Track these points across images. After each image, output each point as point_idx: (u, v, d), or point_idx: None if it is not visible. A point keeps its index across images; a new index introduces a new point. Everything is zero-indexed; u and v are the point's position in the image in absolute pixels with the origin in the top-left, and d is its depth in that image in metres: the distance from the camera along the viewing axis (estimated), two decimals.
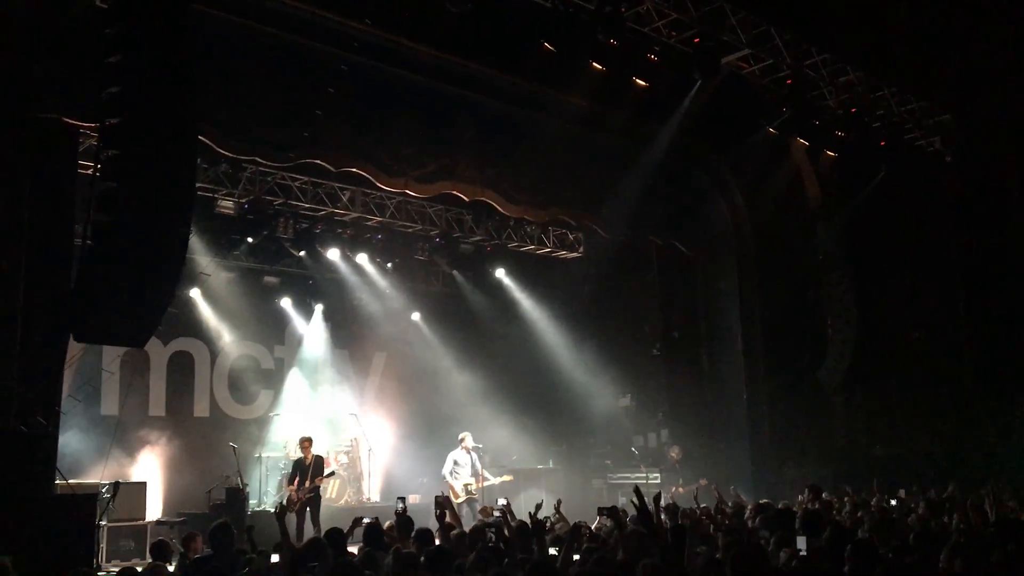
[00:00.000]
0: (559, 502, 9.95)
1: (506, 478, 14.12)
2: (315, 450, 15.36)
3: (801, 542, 6.38)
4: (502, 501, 9.82)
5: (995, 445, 15.76)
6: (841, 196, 16.53)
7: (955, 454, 15.98)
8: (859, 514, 9.89)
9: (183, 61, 8.68)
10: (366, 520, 8.06)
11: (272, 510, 14.17)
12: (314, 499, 12.98)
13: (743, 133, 15.31)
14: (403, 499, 9.21)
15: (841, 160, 15.67)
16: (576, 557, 6.65)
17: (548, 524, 8.82)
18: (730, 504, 10.83)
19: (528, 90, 13.62)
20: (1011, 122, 15.79)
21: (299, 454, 15.11)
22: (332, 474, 14.06)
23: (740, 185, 16.85)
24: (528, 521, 7.44)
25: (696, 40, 12.40)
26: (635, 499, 5.91)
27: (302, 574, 6.07)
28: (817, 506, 10.43)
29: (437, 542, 7.64)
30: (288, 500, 12.98)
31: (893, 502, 11.01)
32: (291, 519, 11.95)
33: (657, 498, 8.05)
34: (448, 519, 8.73)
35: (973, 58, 14.74)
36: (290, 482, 13.29)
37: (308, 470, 13.13)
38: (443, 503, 9.29)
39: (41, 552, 7.96)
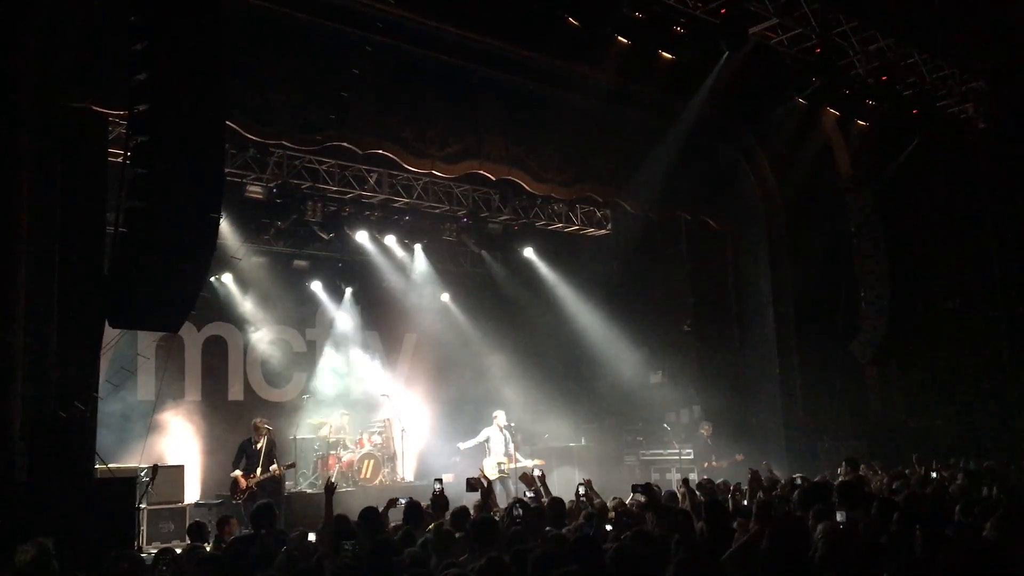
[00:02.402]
0: (589, 481, 9.91)
1: (538, 462, 14.13)
2: (339, 432, 15.45)
3: (839, 515, 6.35)
4: (537, 472, 9.86)
5: None
6: (873, 166, 16.30)
7: (990, 424, 15.81)
8: (894, 486, 9.82)
9: (209, 46, 8.70)
10: (401, 500, 8.14)
11: (308, 491, 14.36)
12: (274, 487, 12.47)
13: (772, 104, 15.14)
14: (440, 480, 9.30)
15: (872, 129, 15.45)
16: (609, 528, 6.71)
17: (581, 501, 8.87)
18: (764, 478, 10.78)
19: (553, 66, 13.52)
20: None
21: (331, 435, 15.30)
22: (292, 465, 13.67)
23: (770, 157, 16.67)
24: (561, 497, 7.51)
25: (723, 11, 12.26)
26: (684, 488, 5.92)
27: (341, 552, 6.13)
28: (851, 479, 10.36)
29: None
30: (234, 484, 12.56)
31: (933, 475, 10.91)
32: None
33: (685, 481, 8.06)
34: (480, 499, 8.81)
35: (1006, 22, 14.45)
36: (234, 466, 12.82)
37: (258, 455, 12.70)
38: (476, 484, 9.34)
39: (82, 535, 8.08)
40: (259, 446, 12.80)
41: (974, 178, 16.55)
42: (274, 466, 12.73)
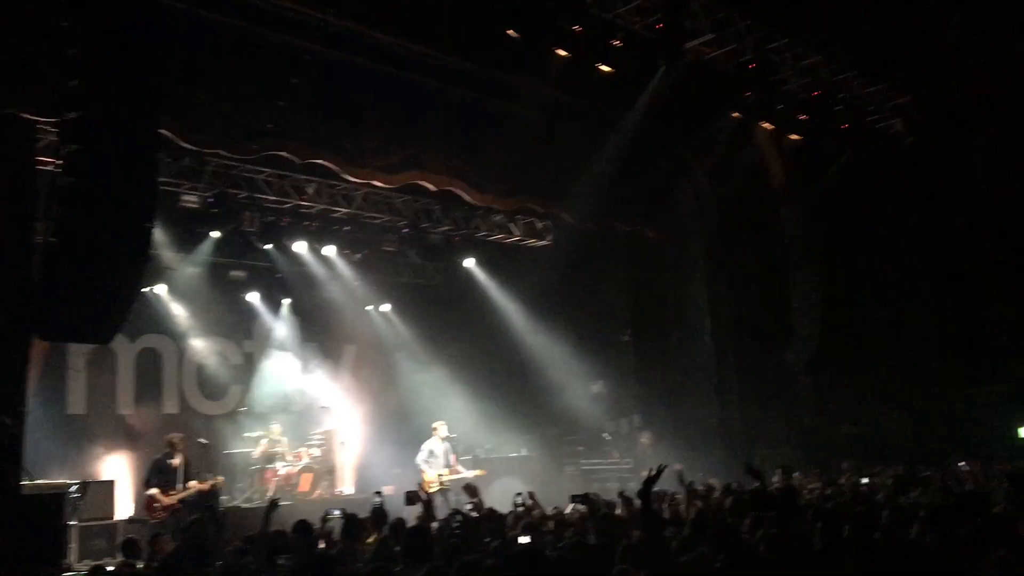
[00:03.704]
0: (532, 493, 9.94)
1: (479, 472, 14.12)
2: (276, 445, 15.22)
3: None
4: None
5: (960, 423, 16.00)
6: (806, 179, 16.67)
7: (922, 432, 16.20)
8: (827, 492, 10.02)
9: (143, 53, 8.58)
10: (336, 512, 8.06)
11: (244, 505, 14.13)
12: (208, 502, 12.00)
13: (707, 118, 15.37)
14: (380, 493, 9.23)
15: (805, 143, 15.80)
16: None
17: (520, 511, 8.89)
18: (701, 487, 10.91)
19: (493, 78, 13.55)
20: (971, 103, 15.98)
21: (268, 448, 15.06)
22: (217, 482, 12.89)
23: (705, 170, 16.96)
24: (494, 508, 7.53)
25: (659, 26, 12.42)
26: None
27: (276, 567, 6.06)
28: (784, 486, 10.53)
29: None
30: (153, 503, 11.86)
31: (864, 480, 11.15)
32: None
33: (621, 492, 8.16)
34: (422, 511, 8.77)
35: (931, 40, 14.89)
36: (148, 484, 12.09)
37: (175, 471, 12.07)
38: (415, 497, 9.29)
39: (8, 552, 7.87)
40: (175, 462, 12.22)
41: (903, 190, 16.98)
42: (193, 481, 12.22)
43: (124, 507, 13.50)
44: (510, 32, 11.73)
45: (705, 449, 16.17)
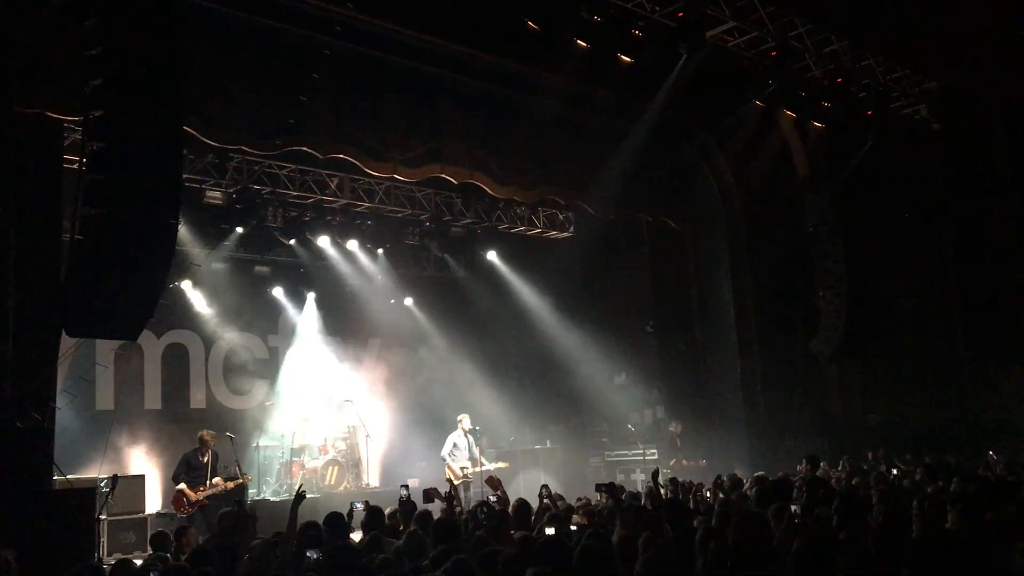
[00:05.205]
0: (546, 486, 9.98)
1: (501, 465, 14.13)
2: (303, 439, 15.31)
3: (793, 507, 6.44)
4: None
5: (988, 410, 15.88)
6: (829, 167, 16.54)
7: (948, 419, 16.09)
8: (854, 481, 9.96)
9: (165, 51, 8.63)
10: (359, 504, 8.08)
11: (271, 499, 14.24)
12: (237, 498, 11.72)
13: (730, 107, 15.29)
14: (406, 486, 9.27)
15: (828, 130, 15.67)
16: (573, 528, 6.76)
17: (544, 503, 8.91)
18: (727, 477, 10.89)
19: (513, 70, 13.57)
20: (996, 88, 15.80)
21: (294, 442, 15.17)
22: (245, 481, 12.86)
23: (728, 159, 16.85)
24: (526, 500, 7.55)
25: (680, 14, 12.38)
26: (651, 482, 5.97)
27: (306, 560, 6.10)
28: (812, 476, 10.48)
29: None
30: (181, 498, 11.90)
31: (893, 470, 11.08)
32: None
33: (655, 474, 8.15)
34: (445, 504, 8.80)
35: (956, 25, 14.71)
36: (177, 479, 12.15)
37: (206, 468, 12.10)
38: (433, 494, 9.30)
39: (41, 547, 7.97)
40: (206, 459, 12.28)
41: (928, 178, 16.82)
42: (218, 478, 12.25)
43: (153, 501, 13.64)
44: (530, 24, 11.71)
45: (731, 439, 16.14)
